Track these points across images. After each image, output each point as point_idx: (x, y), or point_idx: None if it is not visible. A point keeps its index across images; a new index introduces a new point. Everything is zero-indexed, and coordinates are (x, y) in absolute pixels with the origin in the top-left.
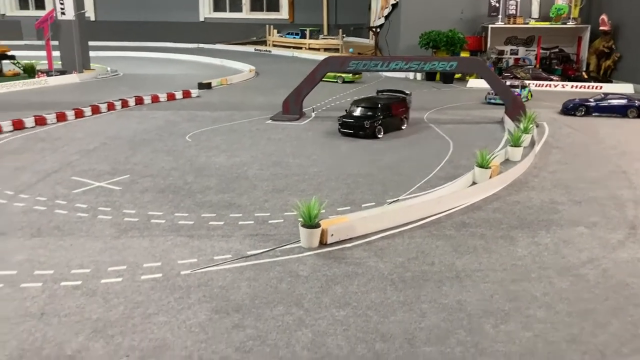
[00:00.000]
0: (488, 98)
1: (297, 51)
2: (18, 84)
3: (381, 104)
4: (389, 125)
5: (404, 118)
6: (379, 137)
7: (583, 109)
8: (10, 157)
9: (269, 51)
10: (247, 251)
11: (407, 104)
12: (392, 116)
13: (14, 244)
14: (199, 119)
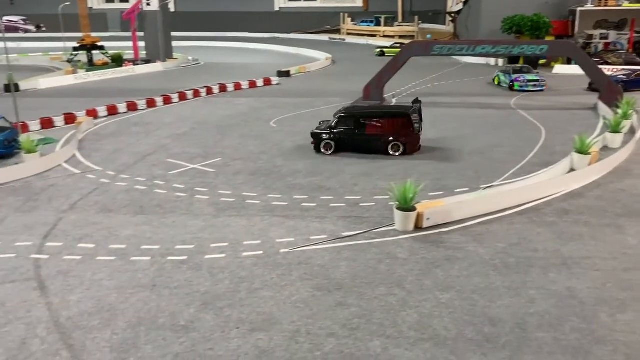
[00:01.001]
0: (512, 79)
1: (372, 39)
2: (108, 72)
3: (346, 116)
4: (356, 143)
5: (391, 141)
6: (324, 152)
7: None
8: (108, 140)
9: (343, 39)
10: (342, 232)
11: (409, 124)
12: (365, 134)
13: (120, 221)
14: (281, 105)
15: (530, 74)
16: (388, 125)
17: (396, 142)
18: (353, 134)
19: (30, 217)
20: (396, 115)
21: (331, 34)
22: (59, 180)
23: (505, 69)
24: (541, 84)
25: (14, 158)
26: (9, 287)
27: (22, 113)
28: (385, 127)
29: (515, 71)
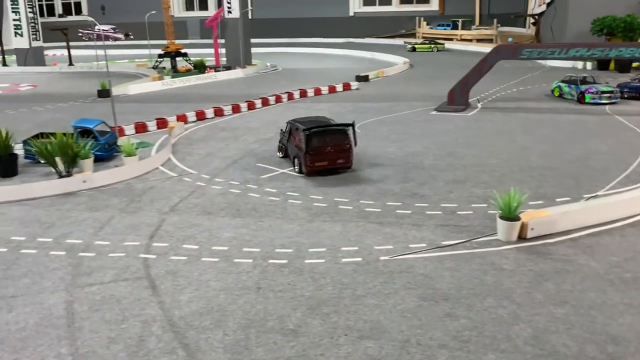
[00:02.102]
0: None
1: (448, 42)
2: (192, 78)
3: (289, 125)
4: (288, 151)
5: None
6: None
7: None
8: (199, 144)
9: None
10: (442, 241)
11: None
12: (291, 144)
13: (220, 223)
14: (362, 110)
15: (601, 85)
16: (297, 139)
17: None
18: (287, 142)
19: (135, 217)
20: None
21: (406, 38)
22: (158, 182)
23: (569, 78)
24: (616, 96)
25: (112, 161)
26: (123, 284)
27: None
28: (296, 141)
29: (583, 81)
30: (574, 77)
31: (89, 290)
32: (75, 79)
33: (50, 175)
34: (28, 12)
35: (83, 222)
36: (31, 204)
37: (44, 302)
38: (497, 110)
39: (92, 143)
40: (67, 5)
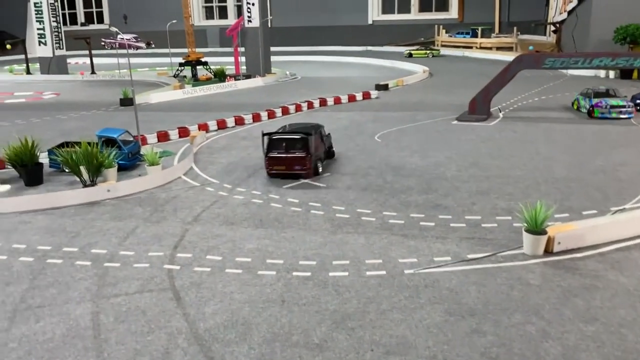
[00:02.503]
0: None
1: (468, 50)
2: (213, 87)
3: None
4: None
5: None
6: None
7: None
8: (221, 153)
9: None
10: (467, 254)
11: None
12: None
13: (243, 234)
14: (383, 119)
15: (615, 99)
16: None
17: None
18: None
19: (159, 227)
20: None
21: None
22: (181, 192)
23: (587, 91)
24: (628, 111)
25: (135, 169)
26: (147, 295)
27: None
28: None
29: (597, 94)
30: (591, 89)
31: (115, 301)
32: (97, 87)
33: (75, 184)
34: (52, 21)
35: (108, 232)
36: (56, 213)
37: (71, 313)
38: (519, 119)
39: (116, 152)
40: (90, 14)
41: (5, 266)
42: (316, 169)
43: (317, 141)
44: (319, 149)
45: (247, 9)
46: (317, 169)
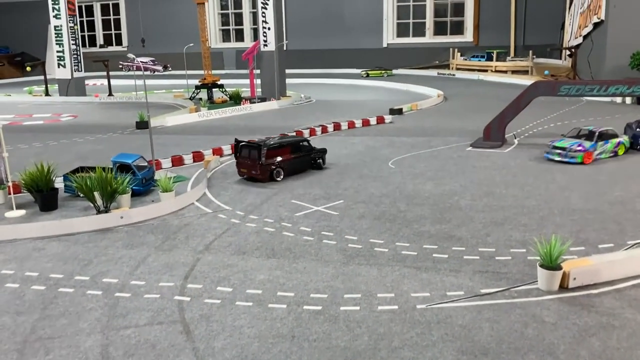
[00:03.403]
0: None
1: (483, 74)
2: (228, 110)
3: None
4: None
5: None
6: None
7: None
8: (234, 178)
9: (453, 75)
10: (480, 289)
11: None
12: None
13: (254, 264)
14: (397, 144)
15: (570, 140)
16: None
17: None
18: None
19: (170, 256)
20: None
21: (440, 69)
22: (193, 219)
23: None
24: (571, 155)
25: (149, 195)
26: (157, 328)
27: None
28: None
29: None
30: (579, 128)
31: (124, 333)
32: (114, 109)
33: (89, 209)
34: (71, 44)
35: (119, 260)
36: (70, 239)
37: (80, 345)
38: (534, 146)
39: (130, 178)
40: (109, 36)
41: (17, 295)
42: (272, 175)
43: (281, 152)
44: (285, 160)
45: (263, 33)
46: (272, 176)
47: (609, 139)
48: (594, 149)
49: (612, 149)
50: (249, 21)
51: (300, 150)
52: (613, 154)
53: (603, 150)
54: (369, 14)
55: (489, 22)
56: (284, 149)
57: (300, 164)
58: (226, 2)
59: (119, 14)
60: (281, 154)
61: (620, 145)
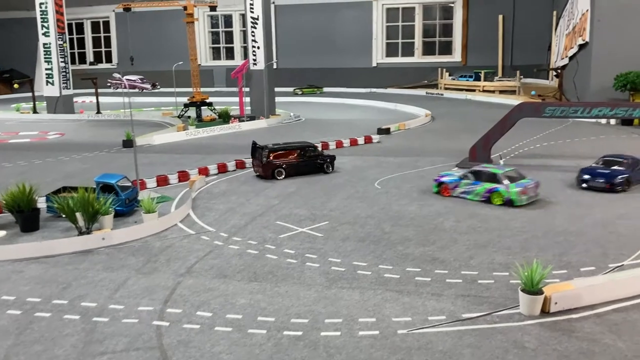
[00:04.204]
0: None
1: (471, 94)
2: (216, 128)
3: None
4: None
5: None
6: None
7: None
8: (219, 199)
9: (441, 94)
10: (462, 314)
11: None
12: None
13: (235, 287)
14: (384, 164)
15: (471, 180)
16: None
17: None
18: None
19: (151, 279)
20: None
21: (428, 88)
22: (176, 241)
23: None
24: (475, 195)
25: (132, 216)
26: (134, 355)
27: (139, 168)
28: None
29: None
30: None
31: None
32: (102, 127)
33: (71, 230)
34: (60, 61)
35: (99, 283)
36: (50, 261)
37: None
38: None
39: (113, 198)
40: (99, 54)
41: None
42: (273, 174)
43: (285, 155)
44: (288, 162)
45: (252, 52)
46: (273, 174)
47: (482, 181)
48: (454, 184)
49: (482, 193)
50: (239, 39)
51: (305, 155)
52: (484, 199)
53: (469, 190)
54: (359, 33)
55: (477, 43)
56: (288, 152)
57: (305, 167)
58: (217, 20)
59: (109, 31)
60: (284, 157)
61: (494, 193)
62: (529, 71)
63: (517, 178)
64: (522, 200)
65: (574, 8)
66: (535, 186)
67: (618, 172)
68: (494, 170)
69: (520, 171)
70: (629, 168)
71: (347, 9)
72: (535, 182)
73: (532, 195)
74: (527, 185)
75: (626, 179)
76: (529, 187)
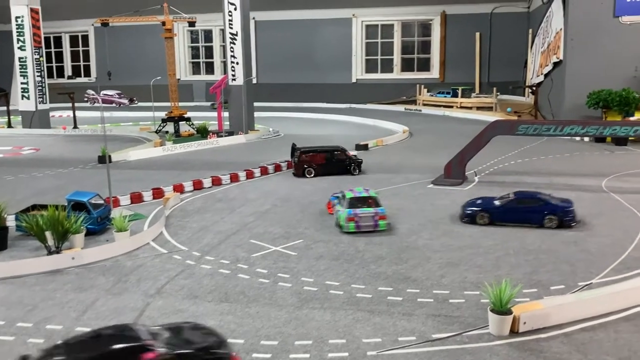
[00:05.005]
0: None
1: (448, 110)
2: (194, 144)
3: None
4: None
5: None
6: None
7: (486, 216)
8: (194, 217)
9: (419, 110)
10: (432, 334)
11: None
12: None
13: (205, 308)
14: (361, 181)
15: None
16: None
17: None
18: None
19: (120, 300)
20: None
21: (407, 104)
22: (147, 260)
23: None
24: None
25: (104, 234)
26: None
27: (113, 185)
28: None
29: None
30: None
31: None
32: (78, 142)
33: (40, 249)
34: (36, 75)
35: (66, 305)
36: (16, 282)
37: None
38: (494, 184)
39: (85, 217)
40: (77, 68)
41: None
42: (303, 172)
43: (315, 157)
44: (317, 162)
45: (231, 68)
46: (304, 173)
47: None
48: (334, 202)
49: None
50: (219, 54)
51: (334, 157)
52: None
53: (337, 210)
54: (339, 50)
55: (455, 60)
56: (318, 154)
57: (332, 168)
58: (197, 35)
59: (88, 45)
60: (314, 158)
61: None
62: (506, 88)
63: (363, 203)
64: (348, 227)
65: (548, 26)
66: (374, 217)
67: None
68: (348, 194)
69: (379, 198)
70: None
71: (327, 25)
72: (376, 212)
73: (361, 225)
74: (360, 213)
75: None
76: (361, 216)
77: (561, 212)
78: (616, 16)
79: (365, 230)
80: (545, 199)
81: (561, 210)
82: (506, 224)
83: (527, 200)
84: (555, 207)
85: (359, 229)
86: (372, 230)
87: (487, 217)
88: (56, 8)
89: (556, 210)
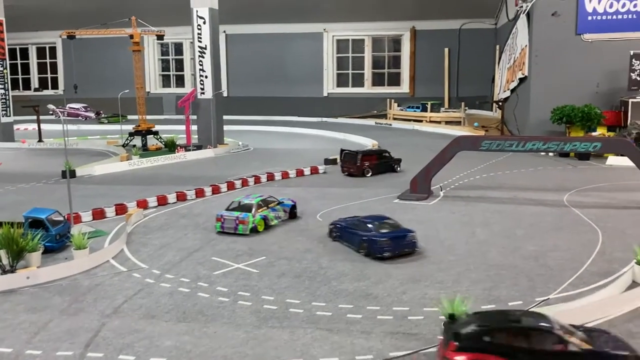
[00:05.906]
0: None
1: (418, 124)
2: (160, 158)
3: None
4: None
5: None
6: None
7: (335, 232)
8: (156, 233)
9: (390, 124)
10: (389, 352)
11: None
12: None
13: (162, 328)
14: (328, 196)
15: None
16: None
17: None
18: None
19: (74, 321)
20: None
21: (377, 118)
22: (106, 278)
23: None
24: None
25: (63, 252)
26: None
27: (76, 201)
28: None
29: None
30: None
31: None
32: (43, 156)
33: None
34: None
35: (18, 327)
36: None
37: None
38: (458, 199)
39: (43, 234)
40: (44, 80)
41: None
42: (363, 172)
43: (370, 158)
44: (372, 163)
45: (200, 81)
46: (363, 172)
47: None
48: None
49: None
50: (190, 67)
51: (382, 158)
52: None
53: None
54: (310, 63)
55: (424, 75)
56: (371, 156)
57: (383, 167)
58: (167, 48)
59: (55, 57)
60: (370, 159)
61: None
62: (474, 103)
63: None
64: (215, 226)
65: (514, 43)
66: (235, 220)
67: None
68: (238, 198)
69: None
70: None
71: (298, 40)
72: (237, 217)
73: (225, 226)
74: (226, 215)
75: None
76: (226, 218)
77: (368, 241)
78: (578, 34)
79: (227, 231)
80: (368, 227)
81: (368, 239)
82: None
83: (357, 224)
84: (367, 236)
85: (223, 229)
86: (233, 232)
87: (337, 233)
88: (22, 19)
89: (366, 238)
